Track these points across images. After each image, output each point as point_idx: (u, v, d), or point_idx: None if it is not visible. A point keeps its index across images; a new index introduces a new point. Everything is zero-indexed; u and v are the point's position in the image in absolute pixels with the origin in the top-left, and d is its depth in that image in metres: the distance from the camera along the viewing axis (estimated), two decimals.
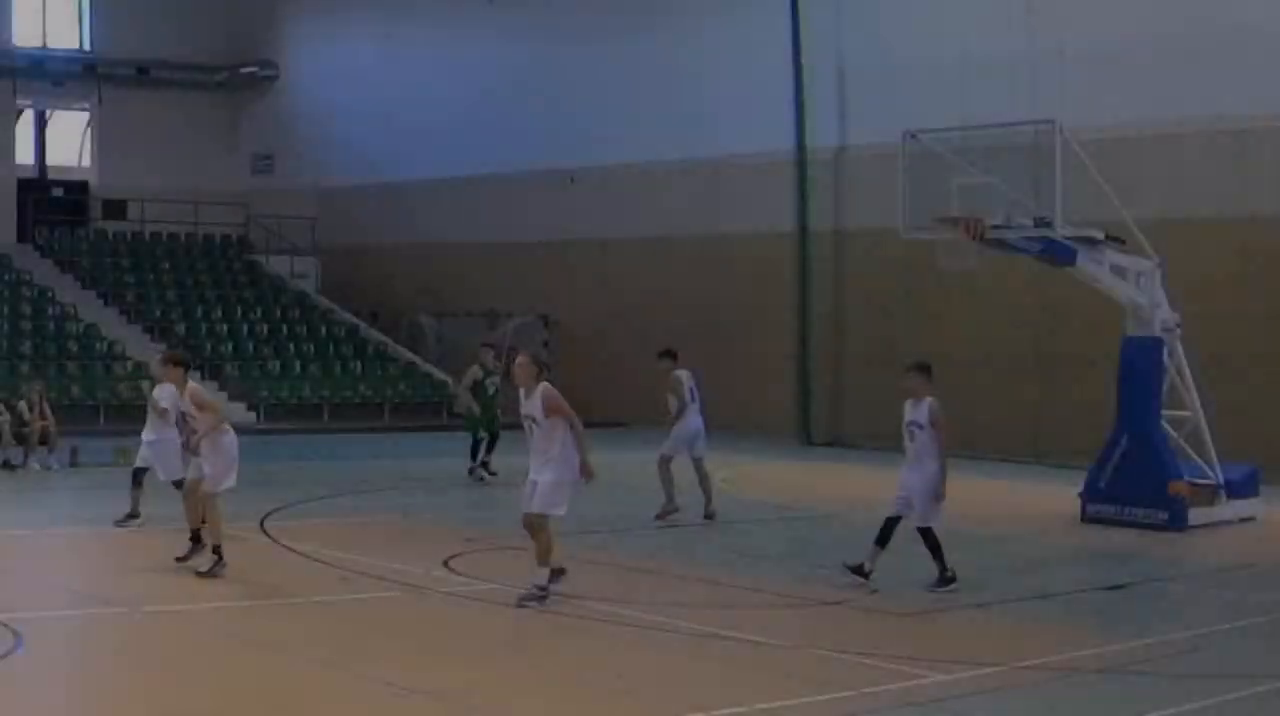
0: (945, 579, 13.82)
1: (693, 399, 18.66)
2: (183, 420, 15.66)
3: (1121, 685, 10.94)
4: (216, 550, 13.98)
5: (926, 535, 13.92)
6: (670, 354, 18.98)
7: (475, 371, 23.15)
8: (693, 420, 18.61)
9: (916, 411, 14.21)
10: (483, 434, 22.83)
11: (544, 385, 12.86)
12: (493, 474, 22.44)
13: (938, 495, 13.90)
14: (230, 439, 14.35)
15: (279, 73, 42.95)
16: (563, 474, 12.94)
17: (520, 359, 13.09)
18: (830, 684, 10.54)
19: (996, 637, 12.48)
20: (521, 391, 12.94)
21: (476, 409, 22.91)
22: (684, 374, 18.78)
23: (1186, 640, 12.20)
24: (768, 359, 31.40)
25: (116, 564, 15.59)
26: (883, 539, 14.04)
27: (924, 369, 14.49)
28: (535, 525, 13.04)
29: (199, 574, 13.93)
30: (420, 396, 35.74)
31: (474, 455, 22.78)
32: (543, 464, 12.90)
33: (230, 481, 14.30)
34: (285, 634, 11.91)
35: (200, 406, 14.49)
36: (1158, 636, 12.29)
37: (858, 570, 13.96)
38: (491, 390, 22.93)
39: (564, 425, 12.85)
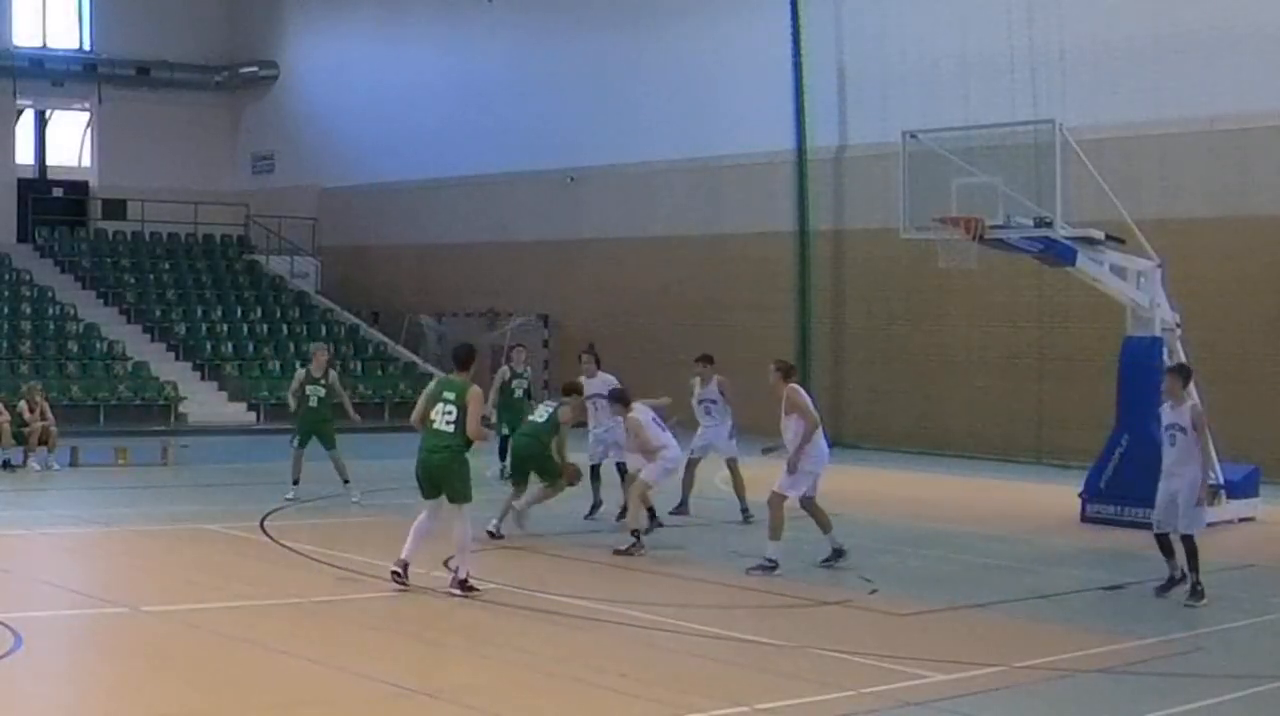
0: (1196, 591, 13.53)
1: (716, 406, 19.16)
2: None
3: (1121, 685, 10.94)
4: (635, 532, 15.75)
5: (1187, 542, 13.56)
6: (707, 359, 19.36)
7: (504, 372, 23.03)
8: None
9: (1177, 414, 13.84)
10: (506, 430, 22.55)
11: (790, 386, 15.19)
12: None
13: (1199, 499, 13.58)
14: None
15: (279, 73, 42.96)
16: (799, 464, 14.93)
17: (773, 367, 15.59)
18: (830, 684, 10.54)
19: (996, 637, 12.47)
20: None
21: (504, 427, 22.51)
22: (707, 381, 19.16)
23: (1186, 640, 12.21)
24: (767, 359, 31.31)
25: (116, 564, 15.60)
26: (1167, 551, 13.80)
27: (1180, 371, 14.33)
28: (770, 502, 14.91)
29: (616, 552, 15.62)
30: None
31: (503, 454, 22.53)
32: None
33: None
34: (285, 634, 11.91)
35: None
36: (1158, 636, 12.29)
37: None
38: (518, 392, 22.74)
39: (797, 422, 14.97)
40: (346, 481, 20.28)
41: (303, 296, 39.96)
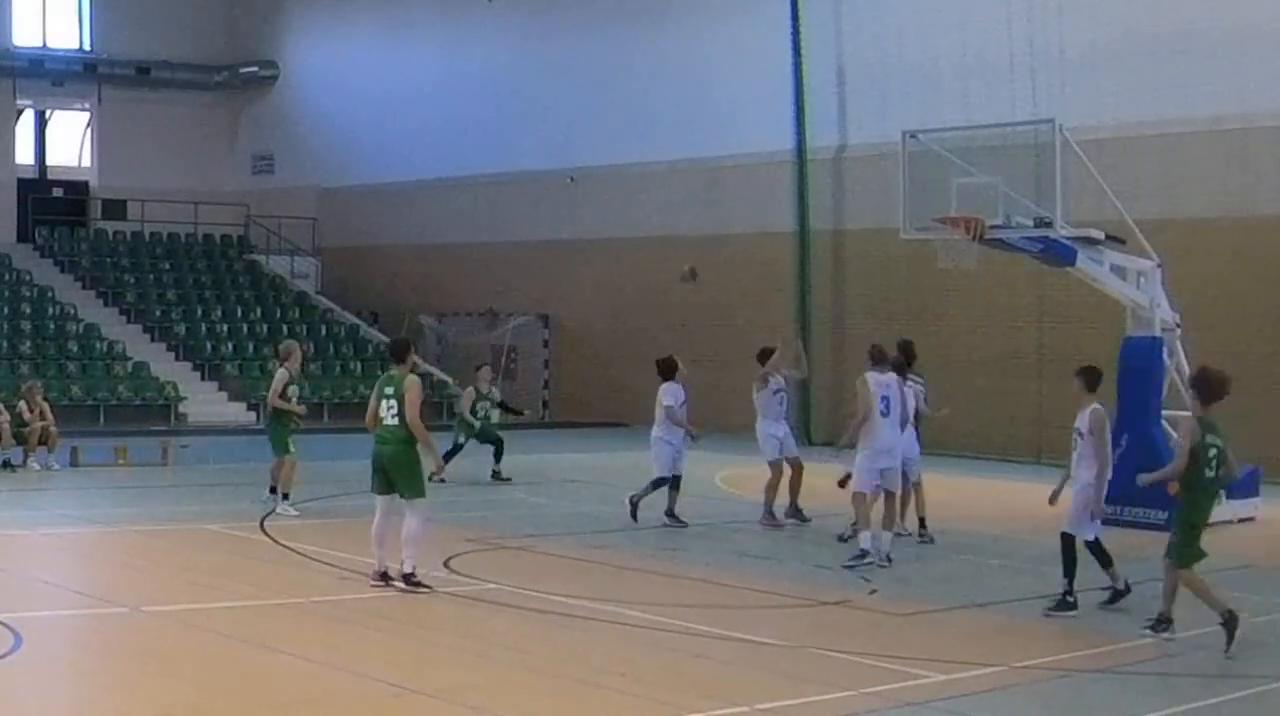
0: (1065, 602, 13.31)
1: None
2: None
3: (1121, 685, 10.94)
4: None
5: (1065, 542, 13.46)
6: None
7: (470, 393, 23.25)
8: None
9: (1079, 417, 13.82)
10: (463, 440, 22.77)
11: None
12: (506, 479, 22.53)
13: (1089, 505, 13.44)
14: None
15: (279, 73, 42.96)
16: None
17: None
18: (830, 684, 10.54)
19: (996, 637, 12.48)
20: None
21: (463, 436, 22.83)
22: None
23: (1186, 640, 12.20)
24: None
25: (116, 564, 15.60)
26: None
27: (1084, 374, 14.07)
28: (853, 501, 15.36)
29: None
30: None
31: (448, 458, 22.49)
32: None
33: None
34: (285, 634, 11.91)
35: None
36: (1158, 636, 12.27)
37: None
38: (481, 412, 23.03)
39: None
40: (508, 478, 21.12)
41: (303, 296, 39.98)
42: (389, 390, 13.57)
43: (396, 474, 13.43)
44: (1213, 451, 11.98)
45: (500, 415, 23.62)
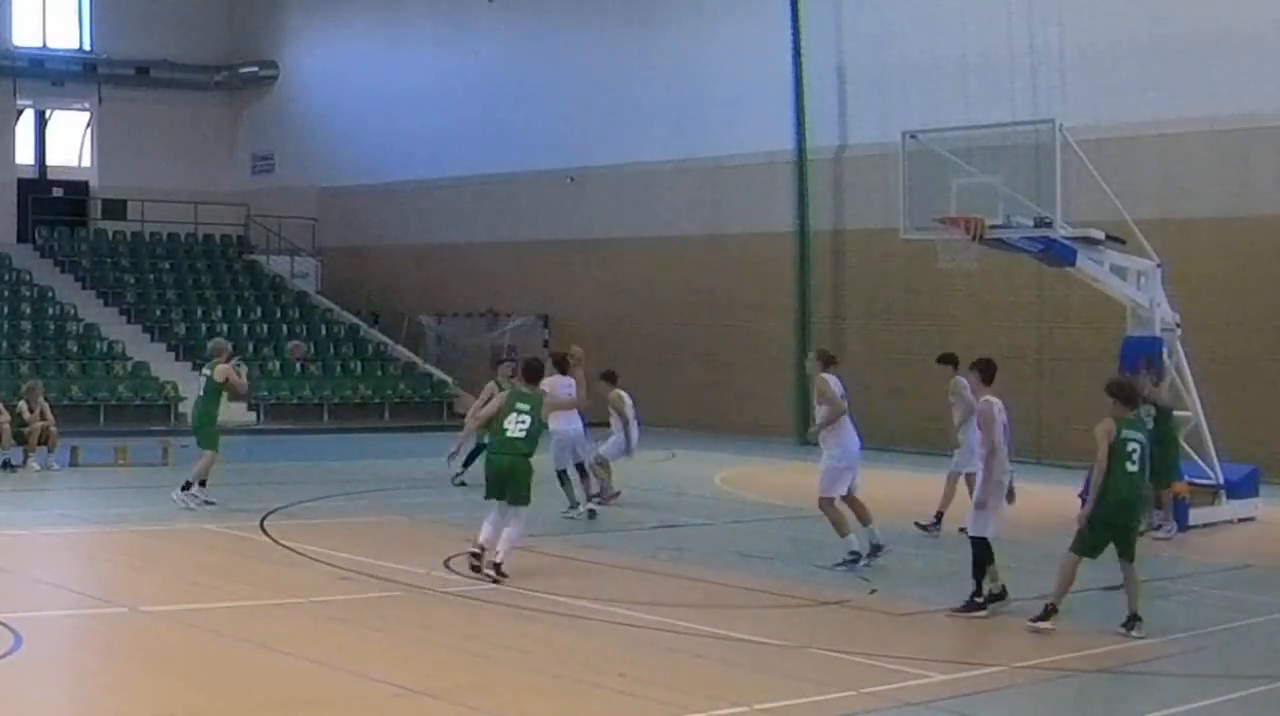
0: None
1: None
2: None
3: (1122, 685, 10.94)
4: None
5: (972, 544, 13.43)
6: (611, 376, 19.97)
7: (490, 387, 22.99)
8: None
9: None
10: (487, 439, 22.48)
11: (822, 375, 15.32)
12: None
13: (977, 501, 13.42)
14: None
15: (279, 73, 42.95)
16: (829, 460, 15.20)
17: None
18: (830, 684, 10.54)
19: (996, 637, 12.48)
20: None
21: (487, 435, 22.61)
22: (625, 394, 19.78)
23: (1186, 640, 12.20)
24: (767, 359, 31.40)
25: (116, 564, 15.60)
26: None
27: (977, 366, 14.58)
28: (820, 507, 15.31)
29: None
30: (420, 396, 35.78)
31: (468, 462, 22.52)
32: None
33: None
34: (285, 634, 11.90)
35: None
36: (1158, 636, 12.28)
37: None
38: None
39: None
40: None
41: (303, 296, 39.98)
42: (524, 407, 14.41)
43: (511, 484, 14.27)
44: (1132, 446, 12.23)
45: None
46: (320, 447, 27.89)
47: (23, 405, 23.71)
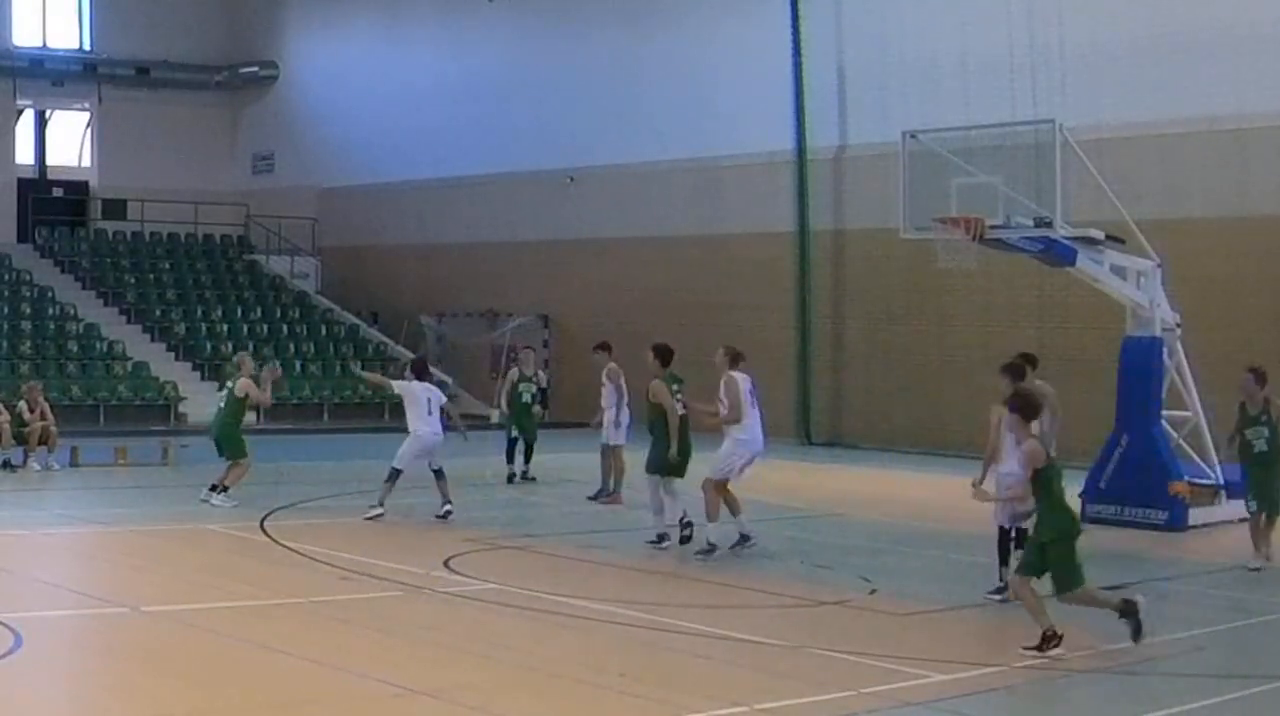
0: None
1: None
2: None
3: (1121, 685, 10.94)
4: None
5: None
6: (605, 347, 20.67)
7: (513, 375, 23.09)
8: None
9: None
10: (515, 433, 22.60)
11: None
12: (531, 479, 22.46)
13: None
14: None
15: (279, 73, 42.96)
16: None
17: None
18: (830, 684, 10.54)
19: (996, 637, 12.48)
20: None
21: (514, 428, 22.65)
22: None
23: (1186, 640, 12.20)
24: (768, 359, 31.37)
25: (116, 564, 15.60)
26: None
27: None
28: (704, 487, 15.94)
29: None
30: None
31: (510, 457, 22.61)
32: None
33: None
34: (285, 634, 11.90)
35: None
36: (1158, 636, 12.28)
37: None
38: (526, 396, 22.71)
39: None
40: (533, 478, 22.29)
41: (303, 296, 39.98)
42: (676, 388, 16.44)
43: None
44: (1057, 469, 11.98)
45: (540, 407, 23.39)
46: (320, 447, 27.89)
47: (23, 405, 23.71)
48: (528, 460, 22.70)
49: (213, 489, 19.21)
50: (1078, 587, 11.45)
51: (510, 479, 22.39)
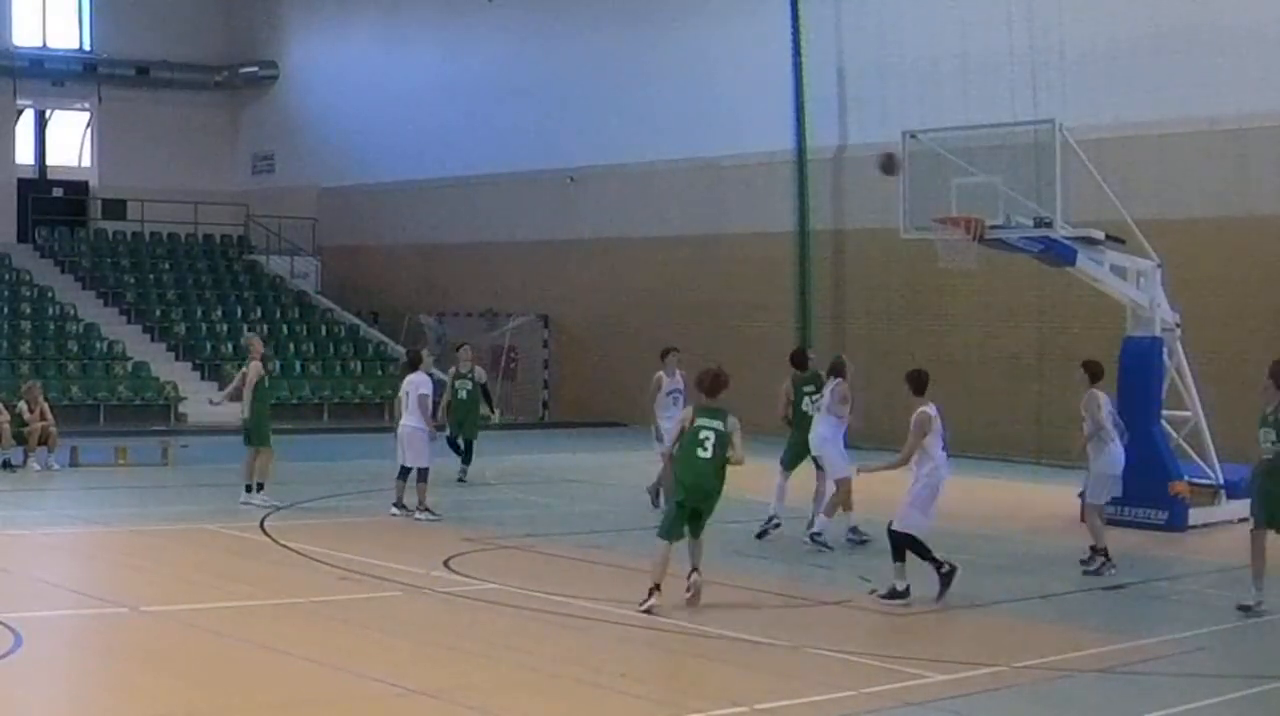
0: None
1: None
2: None
3: (1121, 685, 10.94)
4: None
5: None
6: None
7: (451, 372, 22.82)
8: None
9: None
10: (450, 432, 22.17)
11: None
12: (460, 481, 21.89)
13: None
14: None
15: (279, 73, 42.95)
16: None
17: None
18: (830, 684, 10.54)
19: (996, 637, 12.48)
20: None
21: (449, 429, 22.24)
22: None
23: (1186, 640, 12.20)
24: (767, 359, 31.37)
25: (116, 564, 15.60)
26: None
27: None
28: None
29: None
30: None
31: (456, 451, 22.34)
32: None
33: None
34: (285, 634, 11.91)
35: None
36: (1158, 636, 12.29)
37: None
38: (462, 393, 22.39)
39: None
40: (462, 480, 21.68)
41: (303, 296, 39.98)
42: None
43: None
44: (704, 433, 13.07)
45: (480, 400, 22.78)
46: (320, 448, 27.87)
47: (23, 405, 23.71)
48: (467, 461, 22.28)
49: (248, 489, 19.06)
50: None
51: (460, 478, 21.96)
